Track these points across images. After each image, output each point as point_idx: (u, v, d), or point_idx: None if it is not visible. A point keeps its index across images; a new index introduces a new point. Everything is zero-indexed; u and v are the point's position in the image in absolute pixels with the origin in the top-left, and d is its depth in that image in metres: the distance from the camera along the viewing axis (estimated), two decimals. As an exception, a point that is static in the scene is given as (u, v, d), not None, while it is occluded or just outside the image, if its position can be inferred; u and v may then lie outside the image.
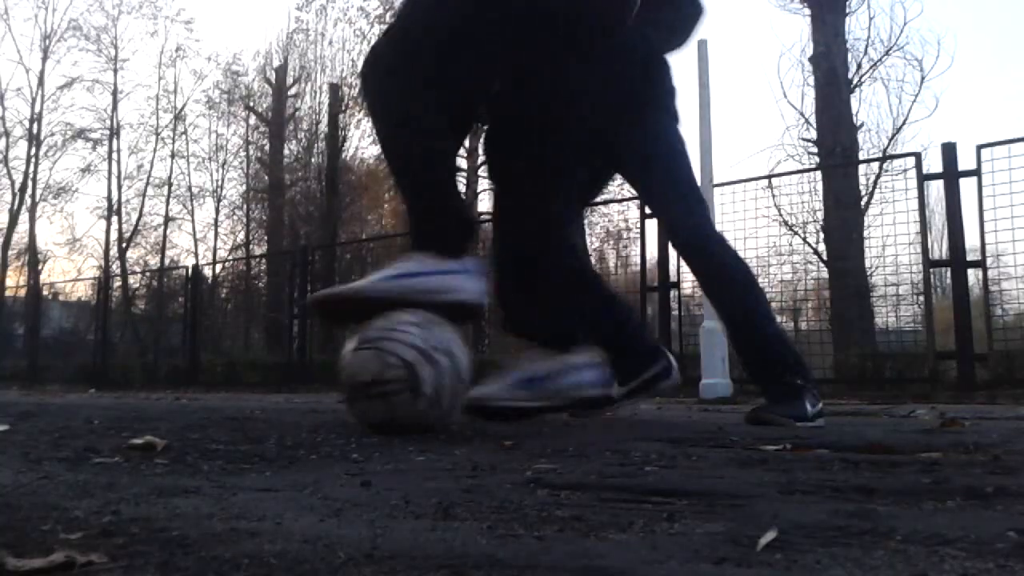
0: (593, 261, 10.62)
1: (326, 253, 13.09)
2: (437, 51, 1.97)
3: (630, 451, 1.67)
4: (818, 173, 8.66)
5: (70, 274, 18.93)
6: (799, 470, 1.34)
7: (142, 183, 17.86)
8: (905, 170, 6.88)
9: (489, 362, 8.69)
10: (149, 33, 20.47)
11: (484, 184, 15.73)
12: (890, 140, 10.83)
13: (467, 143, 15.40)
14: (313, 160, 16.61)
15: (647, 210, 7.71)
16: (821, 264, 8.49)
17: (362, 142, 16.59)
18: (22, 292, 17.46)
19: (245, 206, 18.52)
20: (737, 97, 34.85)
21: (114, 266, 17.25)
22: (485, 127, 2.40)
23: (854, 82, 10.11)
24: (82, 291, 16.01)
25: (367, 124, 15.89)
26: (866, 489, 1.12)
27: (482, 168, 15.62)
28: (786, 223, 8.26)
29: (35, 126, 18.01)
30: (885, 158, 9.47)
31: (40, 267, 18.67)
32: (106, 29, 18.11)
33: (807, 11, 10.19)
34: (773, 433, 2.07)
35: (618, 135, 2.50)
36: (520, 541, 0.80)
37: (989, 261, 6.14)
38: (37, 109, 17.99)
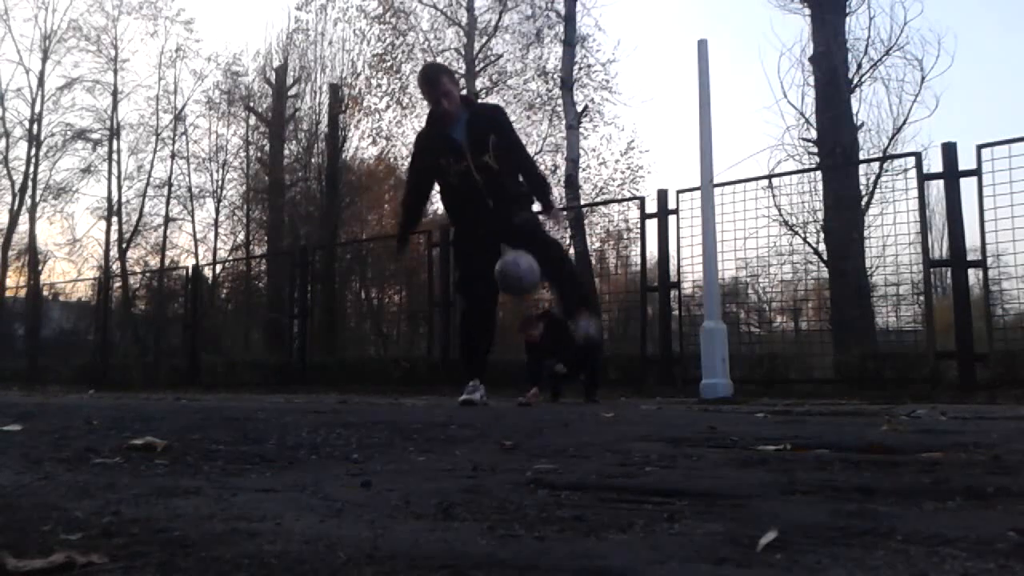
0: (593, 261, 10.65)
1: (326, 253, 13.07)
2: None
3: (630, 451, 1.67)
4: (818, 173, 8.63)
5: (70, 274, 18.93)
6: (799, 470, 1.34)
7: (142, 183, 17.82)
8: (905, 170, 6.87)
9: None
10: (149, 33, 20.30)
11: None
12: (890, 140, 10.80)
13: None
14: (313, 160, 16.58)
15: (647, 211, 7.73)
16: (821, 264, 8.47)
17: (362, 142, 16.56)
18: (22, 292, 17.45)
19: (245, 206, 18.49)
20: (737, 97, 34.77)
21: (114, 266, 17.23)
22: None
23: (854, 82, 10.08)
24: (82, 291, 16.02)
25: (367, 124, 15.92)
26: (866, 489, 1.12)
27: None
28: (786, 223, 8.24)
29: (35, 126, 17.98)
30: (885, 158, 9.45)
31: (40, 267, 18.64)
32: (106, 29, 18.04)
33: (807, 11, 10.18)
34: (775, 433, 2.07)
35: None
36: (520, 541, 0.80)
37: (989, 261, 6.13)
38: (37, 109, 17.96)
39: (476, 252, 4.39)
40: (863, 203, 8.90)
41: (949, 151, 6.16)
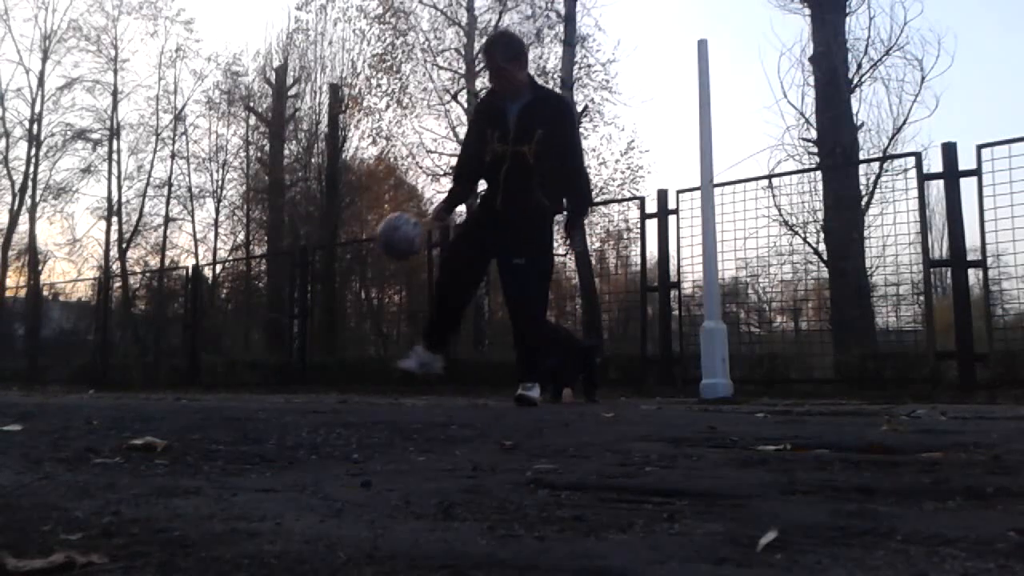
0: (593, 262, 10.64)
1: (326, 253, 13.07)
2: None
3: (630, 451, 1.67)
4: (818, 173, 8.63)
5: (70, 274, 18.94)
6: (799, 470, 1.34)
7: (142, 183, 17.82)
8: (905, 170, 6.88)
9: (486, 362, 8.71)
10: (149, 33, 20.26)
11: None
12: (890, 140, 10.78)
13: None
14: (313, 160, 16.56)
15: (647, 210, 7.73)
16: (821, 264, 8.47)
17: (362, 142, 16.51)
18: (22, 292, 17.45)
19: (245, 206, 18.48)
20: (737, 97, 34.77)
21: (114, 266, 17.24)
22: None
23: (854, 82, 10.07)
24: (82, 291, 16.03)
25: (367, 124, 15.91)
26: (867, 489, 1.12)
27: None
28: (786, 223, 8.24)
29: (35, 126, 17.97)
30: (885, 158, 9.44)
31: (40, 267, 18.64)
32: (106, 29, 18.02)
33: (807, 11, 10.17)
34: (775, 433, 2.07)
35: None
36: (520, 541, 0.80)
37: (989, 261, 6.13)
38: (37, 109, 17.94)
39: (474, 234, 4.26)
40: (863, 203, 8.90)
41: (949, 151, 6.16)
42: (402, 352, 5.04)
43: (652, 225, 7.70)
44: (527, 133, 4.01)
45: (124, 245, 17.47)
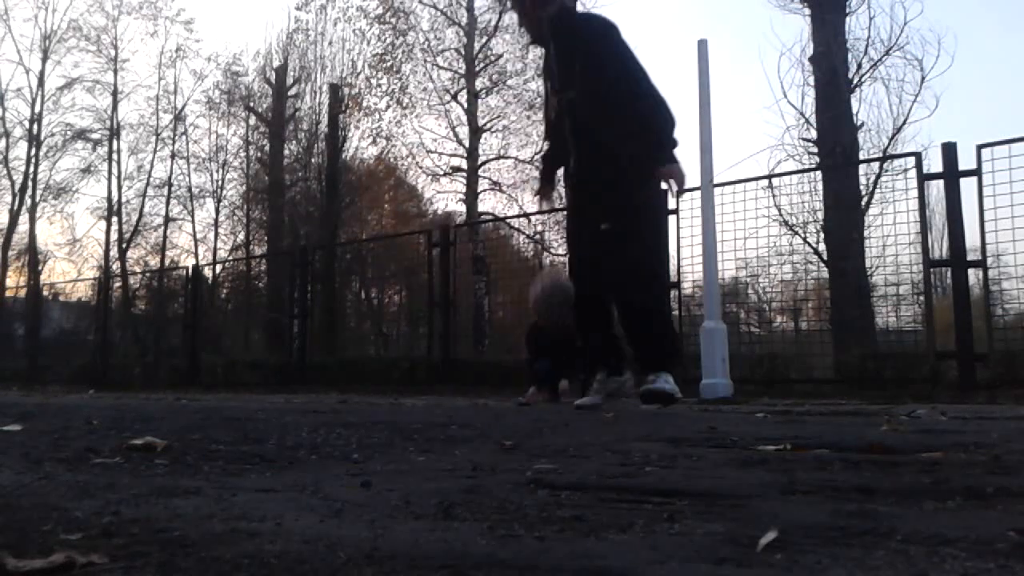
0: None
1: (326, 253, 13.07)
2: None
3: (630, 451, 1.67)
4: (818, 173, 8.65)
5: (70, 274, 18.97)
6: (799, 470, 1.34)
7: (142, 183, 17.89)
8: (905, 170, 6.88)
9: (486, 362, 8.70)
10: (149, 33, 20.37)
11: (484, 184, 15.72)
12: (890, 140, 10.79)
13: (467, 143, 15.41)
14: (313, 160, 16.59)
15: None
16: (821, 264, 8.48)
17: (362, 142, 16.56)
18: (22, 292, 17.47)
19: (245, 206, 18.52)
20: (737, 97, 34.78)
21: (114, 266, 17.26)
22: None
23: (854, 82, 10.09)
24: (82, 291, 16.04)
25: (367, 124, 15.92)
26: (867, 489, 1.12)
27: (482, 168, 15.61)
28: (786, 223, 8.24)
29: (35, 127, 18.01)
30: (885, 158, 9.45)
31: (40, 267, 18.68)
32: (106, 29, 18.09)
33: (807, 11, 10.19)
34: (775, 433, 2.07)
35: None
36: (520, 541, 0.79)
37: (989, 261, 6.13)
38: (37, 109, 18.00)
39: (573, 209, 3.73)
40: (863, 203, 8.90)
41: (949, 151, 6.16)
42: (402, 352, 4.95)
43: (652, 225, 7.69)
44: (570, 73, 3.43)
45: (124, 245, 17.49)
